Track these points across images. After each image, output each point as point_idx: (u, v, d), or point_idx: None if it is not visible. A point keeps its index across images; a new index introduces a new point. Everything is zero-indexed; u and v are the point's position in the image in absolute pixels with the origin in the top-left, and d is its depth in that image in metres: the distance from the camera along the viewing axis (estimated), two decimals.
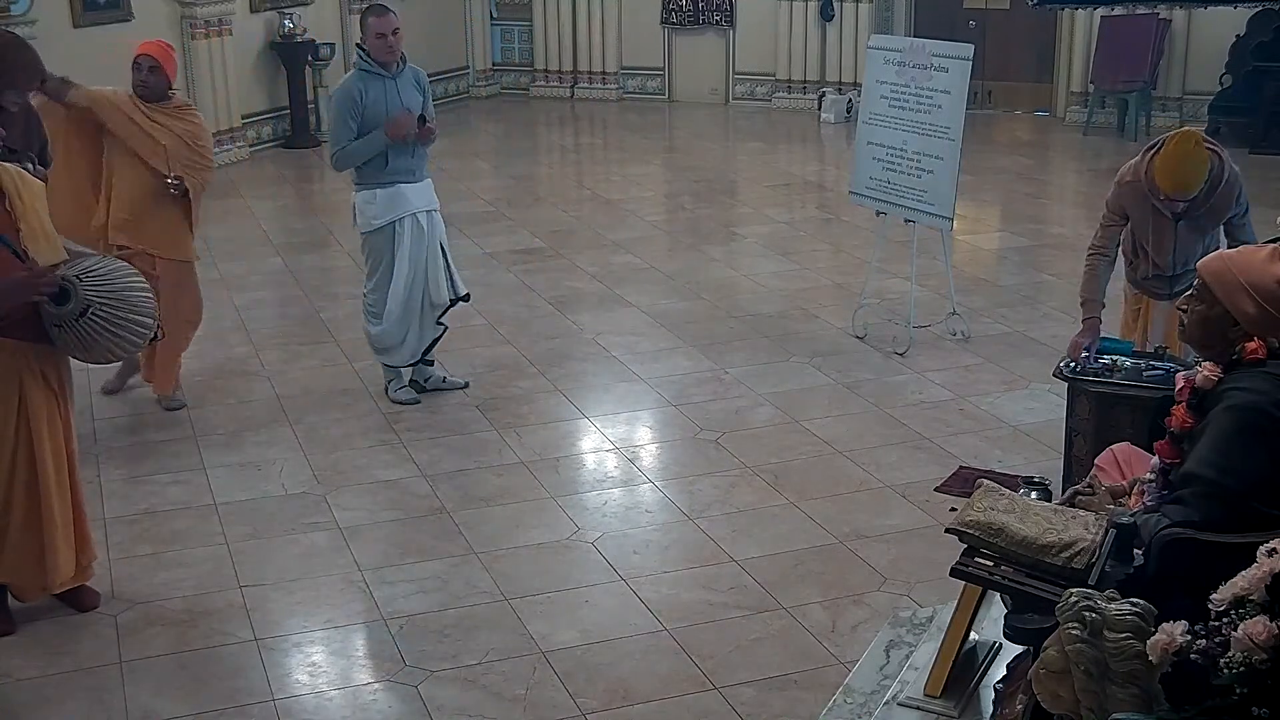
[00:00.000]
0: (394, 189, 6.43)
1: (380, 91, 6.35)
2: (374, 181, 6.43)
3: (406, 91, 6.43)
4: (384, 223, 6.46)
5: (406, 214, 6.47)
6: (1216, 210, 5.26)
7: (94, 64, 11.14)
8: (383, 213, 6.44)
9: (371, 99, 6.32)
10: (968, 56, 7.15)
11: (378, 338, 6.67)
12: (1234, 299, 3.29)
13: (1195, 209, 5.21)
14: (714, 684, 4.34)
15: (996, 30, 14.48)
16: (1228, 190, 5.20)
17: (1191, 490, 3.17)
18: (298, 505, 5.66)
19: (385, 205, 6.44)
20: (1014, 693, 3.50)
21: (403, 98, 6.39)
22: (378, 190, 6.43)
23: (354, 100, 6.32)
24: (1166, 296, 5.58)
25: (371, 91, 6.34)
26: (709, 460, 6.03)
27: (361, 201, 6.50)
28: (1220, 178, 5.14)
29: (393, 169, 6.41)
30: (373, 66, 6.37)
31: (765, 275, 8.97)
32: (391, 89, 6.38)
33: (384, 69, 6.38)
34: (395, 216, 6.45)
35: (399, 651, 4.56)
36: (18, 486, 4.56)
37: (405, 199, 6.46)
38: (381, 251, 6.54)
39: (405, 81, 6.44)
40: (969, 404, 6.63)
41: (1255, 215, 5.41)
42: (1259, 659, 2.55)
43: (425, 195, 6.58)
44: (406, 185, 6.46)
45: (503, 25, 16.61)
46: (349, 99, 6.33)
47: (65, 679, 4.42)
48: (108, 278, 4.53)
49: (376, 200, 6.44)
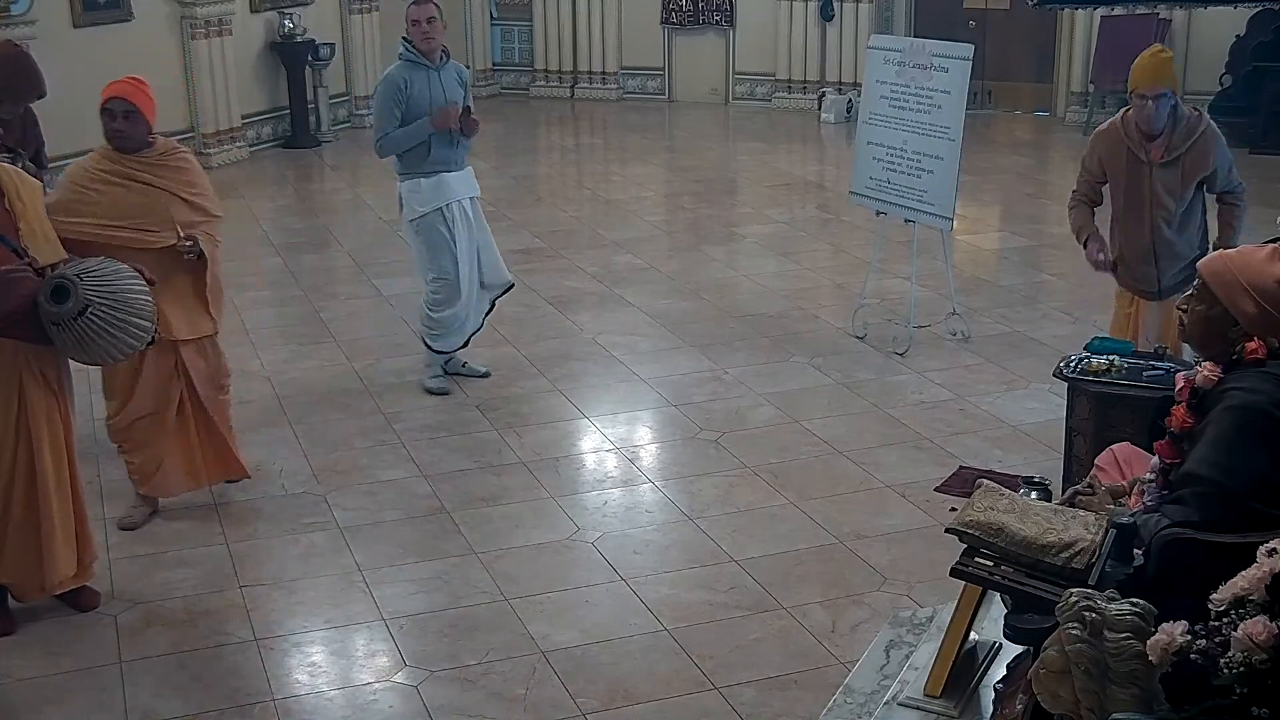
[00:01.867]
0: (437, 178, 6.63)
1: (424, 81, 6.55)
2: (417, 171, 6.62)
3: (449, 84, 6.63)
4: (430, 209, 6.65)
5: (453, 200, 6.66)
6: (1193, 163, 5.45)
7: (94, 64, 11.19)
8: (429, 200, 6.64)
9: (415, 88, 6.53)
10: (968, 56, 7.16)
11: (445, 322, 6.80)
12: (1234, 299, 3.29)
13: (1172, 150, 5.43)
14: (714, 684, 4.34)
15: (996, 30, 14.48)
16: (1204, 143, 5.44)
17: (1191, 490, 3.17)
18: (298, 505, 5.66)
19: (431, 193, 6.63)
20: (1014, 693, 3.50)
21: (445, 89, 6.58)
22: (421, 179, 6.64)
23: (398, 89, 6.52)
24: (1155, 294, 5.62)
25: (415, 81, 6.54)
26: (709, 460, 6.03)
27: (407, 191, 6.70)
28: (1197, 129, 5.45)
29: (435, 158, 6.61)
30: (416, 56, 6.56)
31: (765, 275, 8.97)
32: (435, 80, 6.58)
33: (426, 59, 6.55)
34: (441, 203, 6.65)
35: (399, 651, 4.56)
36: (17, 486, 4.56)
37: (449, 186, 6.65)
38: (436, 238, 6.70)
39: (448, 74, 6.66)
40: (969, 404, 6.63)
41: (1255, 215, 5.43)
42: (1259, 659, 2.55)
43: (468, 183, 6.79)
44: (449, 174, 6.65)
45: (503, 25, 16.62)
46: (394, 87, 6.53)
47: (65, 679, 4.42)
48: (107, 278, 4.52)
49: (422, 189, 6.65)
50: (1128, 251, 5.68)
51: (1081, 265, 8.90)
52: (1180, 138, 5.46)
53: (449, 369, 6.99)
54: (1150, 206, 5.53)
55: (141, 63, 11.65)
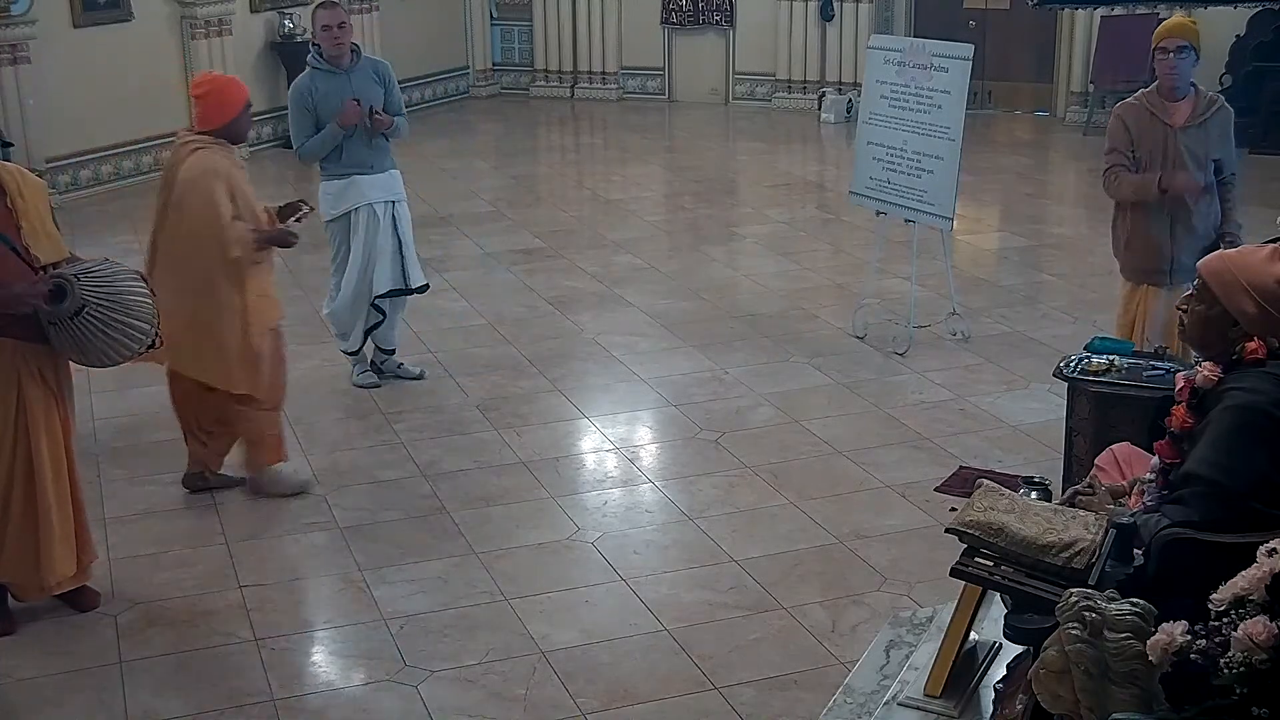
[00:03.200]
0: (349, 180, 6.69)
1: (333, 86, 6.58)
2: (332, 173, 6.71)
3: (362, 85, 6.62)
4: (339, 212, 6.72)
5: (362, 204, 6.69)
6: (1216, 130, 5.62)
7: (94, 64, 11.21)
8: (337, 203, 6.72)
9: (322, 94, 6.57)
10: (968, 56, 7.16)
11: (329, 319, 6.97)
12: (1234, 299, 3.29)
13: (1196, 116, 5.59)
14: (714, 684, 4.34)
15: (996, 30, 14.47)
16: (1225, 115, 5.67)
17: (1191, 490, 3.17)
18: (298, 505, 5.66)
19: (339, 196, 6.72)
20: (1014, 693, 3.50)
21: (355, 91, 6.57)
22: (336, 181, 6.71)
23: (305, 96, 6.58)
24: (1166, 277, 5.61)
25: (322, 87, 6.58)
26: (709, 460, 6.03)
27: (321, 192, 6.79)
28: (1217, 100, 5.68)
29: (347, 161, 6.67)
30: (321, 63, 6.61)
31: (765, 275, 8.97)
32: (344, 83, 6.59)
33: (334, 64, 6.58)
34: (350, 207, 6.70)
35: (399, 651, 4.56)
36: (16, 486, 4.56)
37: (359, 190, 6.70)
38: (338, 239, 6.82)
39: (361, 74, 6.65)
40: (969, 404, 6.63)
41: (1256, 215, 5.44)
42: (1259, 659, 2.55)
43: (385, 186, 6.78)
44: (362, 176, 6.69)
45: (503, 25, 16.61)
46: (300, 95, 6.62)
47: (65, 679, 4.42)
48: (106, 279, 4.52)
49: (332, 191, 6.72)
50: (1142, 228, 5.66)
51: (1082, 265, 8.98)
52: (1204, 105, 5.62)
53: (385, 370, 7.06)
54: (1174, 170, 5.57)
55: (141, 63, 11.75)
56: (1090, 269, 8.79)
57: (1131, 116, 5.66)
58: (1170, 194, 5.54)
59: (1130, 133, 5.64)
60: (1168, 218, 5.62)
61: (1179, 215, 5.61)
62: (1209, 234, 5.63)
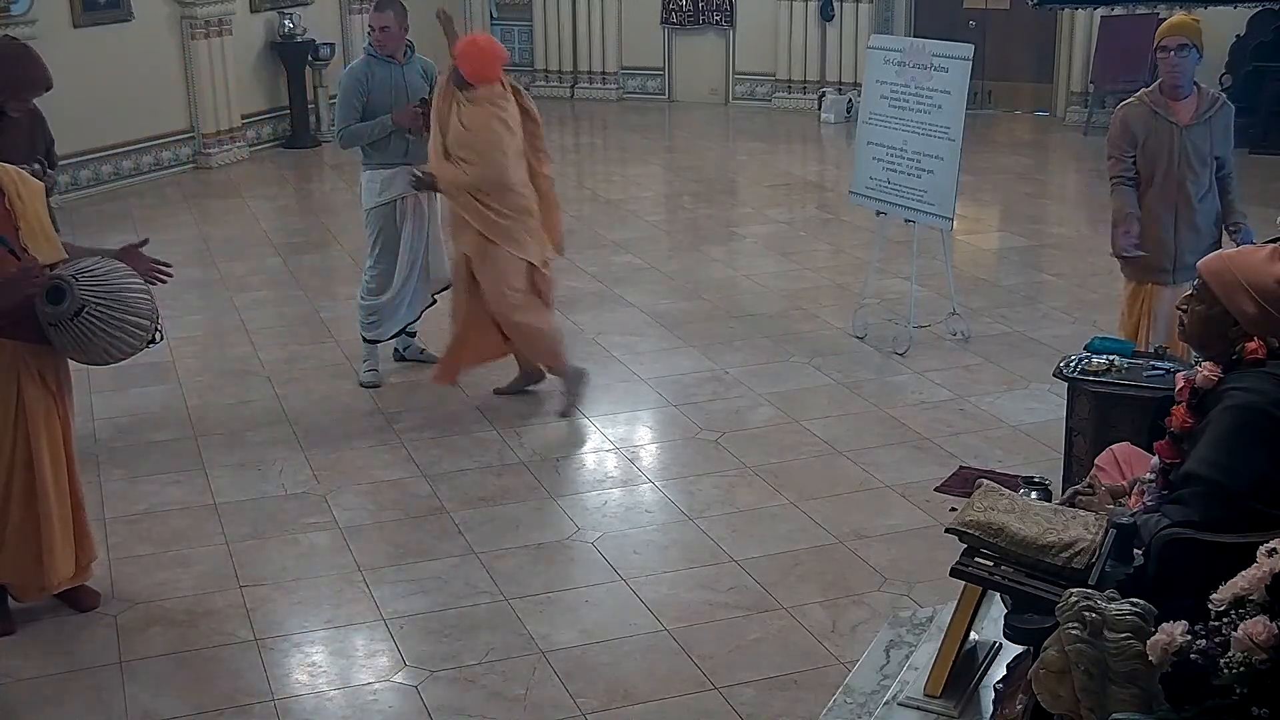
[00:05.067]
0: (396, 169, 6.79)
1: (386, 76, 6.79)
2: (377, 163, 6.85)
3: (413, 79, 6.85)
4: (385, 200, 6.84)
5: (408, 194, 6.79)
6: (1219, 127, 5.65)
7: (94, 64, 11.21)
8: (383, 191, 6.83)
9: (377, 82, 6.79)
10: (968, 56, 7.15)
11: (375, 310, 6.96)
12: (1234, 299, 3.29)
13: (1200, 114, 5.60)
14: (714, 684, 4.34)
15: (996, 30, 14.48)
16: (1227, 112, 5.71)
17: (1191, 490, 3.17)
18: (298, 505, 5.66)
19: (386, 184, 6.82)
20: (1014, 693, 3.50)
21: (408, 84, 6.80)
22: (381, 170, 6.82)
23: (360, 83, 6.78)
24: (1169, 275, 5.61)
25: (378, 75, 6.80)
26: (709, 460, 6.03)
27: (366, 180, 6.92)
28: (1219, 98, 5.72)
29: (394, 151, 6.80)
30: (378, 54, 6.82)
31: (765, 275, 8.97)
32: (398, 75, 6.82)
33: (390, 55, 6.81)
34: (396, 195, 6.81)
35: (399, 651, 4.56)
36: (15, 486, 4.55)
37: (405, 180, 6.73)
38: (383, 228, 6.89)
39: (412, 70, 6.88)
40: (969, 404, 6.63)
41: (1256, 215, 5.44)
42: (1259, 659, 2.55)
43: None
44: (407, 167, 6.76)
45: (503, 25, 16.60)
46: (355, 81, 6.80)
47: (65, 679, 4.42)
48: (104, 277, 4.51)
49: (379, 180, 6.84)
50: (1146, 225, 5.65)
51: (1082, 265, 8.98)
52: (1207, 103, 5.65)
53: (409, 356, 7.23)
54: (1180, 168, 5.59)
55: (141, 63, 11.74)
56: (1090, 269, 8.79)
57: (1136, 117, 5.65)
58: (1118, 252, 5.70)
59: (1135, 134, 5.63)
60: (1171, 216, 5.62)
61: (1182, 213, 5.62)
62: (1211, 231, 5.65)
